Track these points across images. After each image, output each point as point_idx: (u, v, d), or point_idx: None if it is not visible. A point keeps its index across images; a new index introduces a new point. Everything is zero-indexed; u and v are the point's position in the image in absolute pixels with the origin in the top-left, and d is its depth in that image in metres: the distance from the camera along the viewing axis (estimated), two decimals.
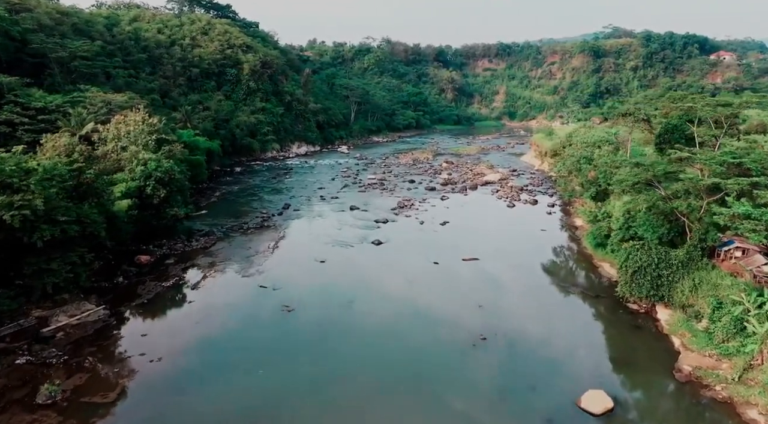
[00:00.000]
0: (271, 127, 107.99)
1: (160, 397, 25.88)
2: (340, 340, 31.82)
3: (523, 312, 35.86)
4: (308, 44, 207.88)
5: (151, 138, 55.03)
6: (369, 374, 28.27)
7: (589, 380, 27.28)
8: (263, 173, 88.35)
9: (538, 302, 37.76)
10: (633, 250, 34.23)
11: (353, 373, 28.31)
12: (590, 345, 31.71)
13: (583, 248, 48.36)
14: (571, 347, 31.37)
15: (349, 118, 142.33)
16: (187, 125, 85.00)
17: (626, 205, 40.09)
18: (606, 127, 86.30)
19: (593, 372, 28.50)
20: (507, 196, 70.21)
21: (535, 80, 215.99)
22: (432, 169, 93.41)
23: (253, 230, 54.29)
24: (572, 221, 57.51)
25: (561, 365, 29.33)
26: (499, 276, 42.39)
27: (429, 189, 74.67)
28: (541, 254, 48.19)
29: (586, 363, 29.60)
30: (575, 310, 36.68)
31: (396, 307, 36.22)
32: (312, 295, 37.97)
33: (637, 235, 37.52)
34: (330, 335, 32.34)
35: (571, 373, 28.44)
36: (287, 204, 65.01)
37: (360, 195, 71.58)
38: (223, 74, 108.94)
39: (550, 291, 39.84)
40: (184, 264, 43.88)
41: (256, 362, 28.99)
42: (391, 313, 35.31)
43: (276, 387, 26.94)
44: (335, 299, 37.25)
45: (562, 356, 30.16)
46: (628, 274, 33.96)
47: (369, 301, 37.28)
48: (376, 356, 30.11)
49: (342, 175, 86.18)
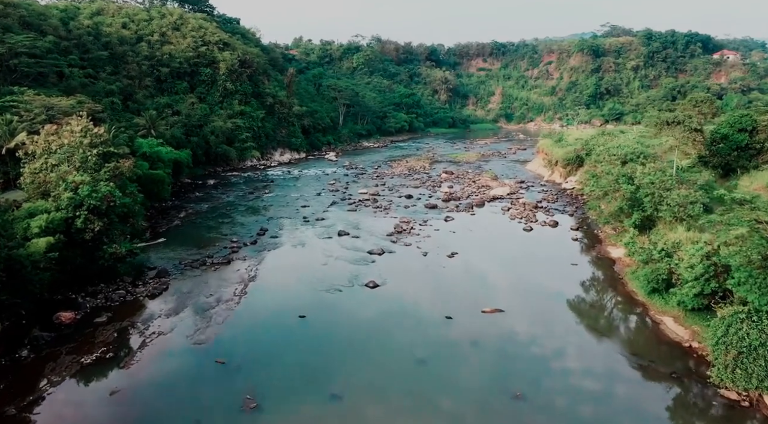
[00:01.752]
0: (250, 133, 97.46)
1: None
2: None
3: (583, 407, 25.87)
4: (294, 42, 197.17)
5: (92, 153, 44.47)
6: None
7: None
8: (239, 187, 77.78)
9: (596, 382, 27.78)
10: (735, 321, 24.49)
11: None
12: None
13: (630, 292, 38.54)
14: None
15: (338, 122, 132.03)
16: (151, 132, 74.28)
17: (704, 248, 30.29)
18: (638, 135, 77.13)
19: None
20: (521, 215, 60.41)
21: (532, 80, 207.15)
22: (430, 180, 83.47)
23: (218, 267, 43.86)
24: (605, 251, 47.76)
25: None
26: (534, 339, 32.42)
27: (430, 207, 64.63)
28: (580, 302, 38.38)
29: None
30: (647, 395, 26.77)
31: (402, 408, 26.08)
32: (285, 379, 27.60)
33: (727, 291, 27.84)
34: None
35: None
36: (263, 229, 54.60)
37: (350, 215, 61.38)
38: (196, 74, 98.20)
39: (607, 364, 29.84)
40: (120, 323, 33.36)
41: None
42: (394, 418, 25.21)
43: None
44: (315, 388, 26.95)
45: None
46: (730, 355, 24.18)
47: (362, 395, 27.09)
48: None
49: (329, 189, 75.88)
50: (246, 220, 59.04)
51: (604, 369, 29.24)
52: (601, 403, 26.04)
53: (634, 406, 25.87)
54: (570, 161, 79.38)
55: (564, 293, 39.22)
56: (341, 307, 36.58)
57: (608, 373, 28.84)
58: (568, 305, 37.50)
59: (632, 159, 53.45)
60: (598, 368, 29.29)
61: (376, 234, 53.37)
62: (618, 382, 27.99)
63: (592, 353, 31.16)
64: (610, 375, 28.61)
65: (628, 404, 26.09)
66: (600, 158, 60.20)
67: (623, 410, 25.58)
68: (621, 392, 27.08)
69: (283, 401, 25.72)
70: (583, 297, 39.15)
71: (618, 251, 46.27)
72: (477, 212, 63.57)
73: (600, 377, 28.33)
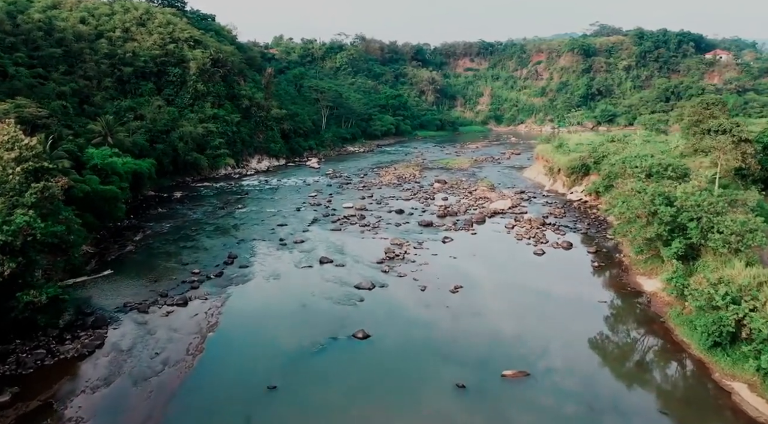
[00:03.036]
0: (224, 139, 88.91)
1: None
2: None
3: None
4: (274, 41, 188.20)
5: (15, 170, 35.99)
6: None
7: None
8: (210, 200, 69.38)
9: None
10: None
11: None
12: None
13: (680, 342, 31.26)
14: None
15: (320, 125, 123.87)
16: (108, 140, 65.57)
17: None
18: (642, 139, 70.56)
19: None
20: (528, 234, 53.16)
21: (521, 81, 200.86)
22: (422, 191, 75.93)
23: (172, 309, 35.74)
24: (635, 283, 40.58)
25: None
26: (575, 418, 24.95)
27: (424, 225, 57.02)
28: (621, 358, 31.05)
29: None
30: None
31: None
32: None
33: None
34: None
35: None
36: (232, 256, 46.48)
37: (333, 235, 53.55)
38: (164, 74, 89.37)
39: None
40: (28, 405, 25.14)
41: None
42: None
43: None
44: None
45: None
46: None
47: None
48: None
49: (310, 203, 67.88)
50: (213, 243, 50.82)
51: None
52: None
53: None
54: (575, 170, 72.55)
55: (597, 344, 31.92)
56: (323, 371, 28.73)
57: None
58: (607, 363, 30.17)
59: (658, 172, 46.52)
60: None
61: (365, 261, 45.63)
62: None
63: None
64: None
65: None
66: (616, 169, 53.33)
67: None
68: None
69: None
70: (623, 350, 31.84)
71: (651, 283, 39.13)
72: (478, 230, 56.16)
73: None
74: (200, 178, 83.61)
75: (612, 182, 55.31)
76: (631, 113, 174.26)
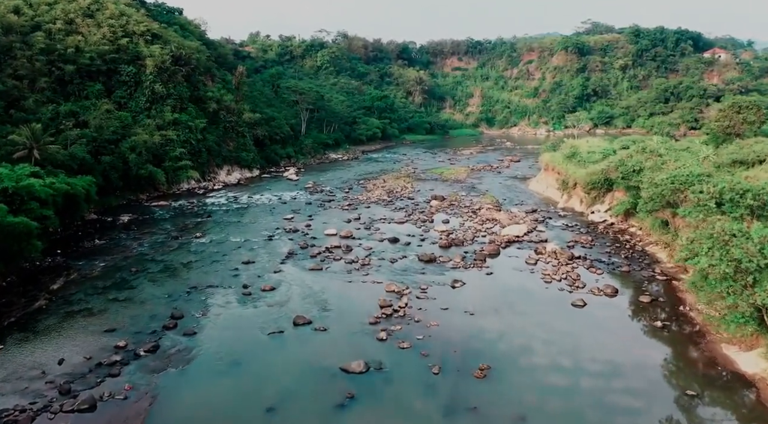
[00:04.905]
0: (186, 148, 76.85)
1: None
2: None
3: None
4: (249, 38, 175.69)
5: None
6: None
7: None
8: (163, 225, 57.43)
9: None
10: None
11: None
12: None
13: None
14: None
15: (299, 131, 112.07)
16: (32, 154, 53.25)
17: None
18: (661, 144, 60.32)
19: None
20: (557, 273, 42.39)
21: (512, 81, 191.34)
22: (417, 209, 64.87)
23: (70, 422, 24.05)
24: (723, 357, 29.78)
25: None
26: None
27: (426, 260, 45.82)
28: None
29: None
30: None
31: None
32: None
33: None
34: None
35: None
36: (176, 315, 34.70)
37: (312, 278, 42.11)
38: (115, 73, 76.94)
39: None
40: None
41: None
42: None
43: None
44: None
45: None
46: None
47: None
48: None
49: (285, 228, 56.31)
50: (154, 293, 39.00)
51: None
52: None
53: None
54: (596, 185, 62.19)
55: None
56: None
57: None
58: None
59: (733, 199, 36.00)
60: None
61: (354, 320, 34.32)
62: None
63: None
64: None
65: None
66: (665, 191, 42.78)
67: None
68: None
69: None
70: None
71: (750, 360, 28.42)
72: (493, 265, 45.20)
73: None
74: (157, 195, 71.49)
75: (656, 206, 44.97)
76: (629, 115, 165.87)
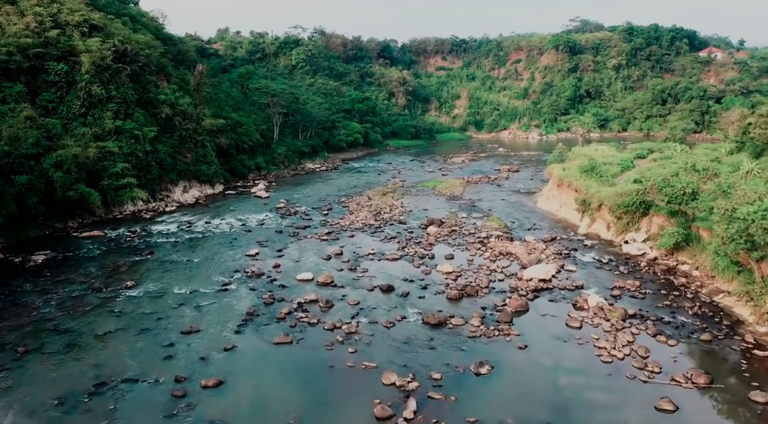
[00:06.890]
0: (131, 162, 63.55)
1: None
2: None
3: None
4: (218, 34, 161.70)
5: None
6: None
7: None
8: (88, 267, 44.36)
9: None
10: None
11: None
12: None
13: None
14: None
15: (271, 137, 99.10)
16: None
17: None
18: (713, 160, 49.47)
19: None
20: (614, 344, 30.92)
21: (500, 81, 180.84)
22: (412, 239, 53.00)
23: None
24: None
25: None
26: None
27: (432, 324, 33.70)
28: None
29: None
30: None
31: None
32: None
33: None
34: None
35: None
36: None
37: (278, 364, 29.78)
38: (41, 72, 63.20)
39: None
40: None
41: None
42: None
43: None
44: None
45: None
46: None
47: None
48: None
49: (247, 271, 43.70)
50: (40, 394, 26.17)
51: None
52: None
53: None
54: (629, 208, 51.19)
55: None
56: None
57: None
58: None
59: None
60: None
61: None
62: None
63: None
64: None
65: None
66: (758, 230, 31.71)
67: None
68: None
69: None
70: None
71: None
72: (523, 330, 33.46)
73: None
74: (92, 221, 58.23)
75: (742, 248, 33.87)
76: (625, 117, 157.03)
